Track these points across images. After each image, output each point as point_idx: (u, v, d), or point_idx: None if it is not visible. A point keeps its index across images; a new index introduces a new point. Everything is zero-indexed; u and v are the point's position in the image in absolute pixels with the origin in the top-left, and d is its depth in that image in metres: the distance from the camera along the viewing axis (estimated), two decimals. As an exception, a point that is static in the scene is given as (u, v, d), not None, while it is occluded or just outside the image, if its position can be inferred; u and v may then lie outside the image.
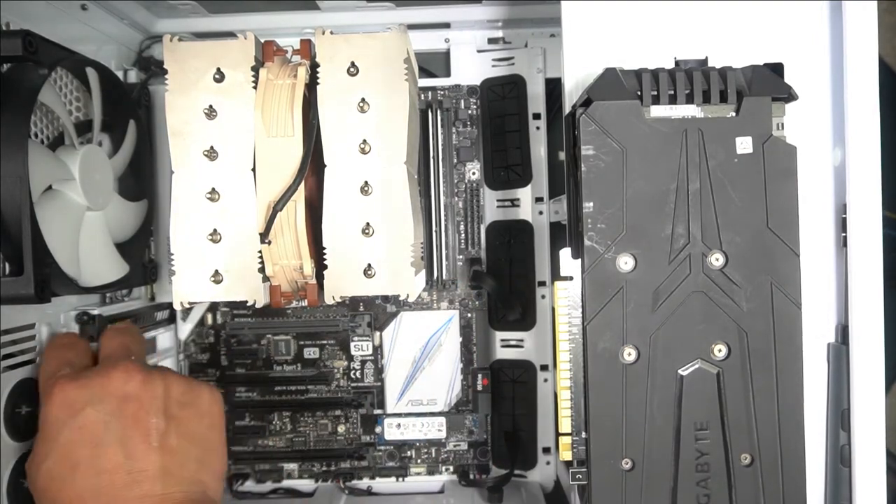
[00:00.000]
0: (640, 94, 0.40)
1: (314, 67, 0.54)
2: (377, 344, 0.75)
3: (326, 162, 0.53)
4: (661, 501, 0.40)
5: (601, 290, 0.40)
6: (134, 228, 0.64)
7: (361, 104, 0.53)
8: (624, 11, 0.46)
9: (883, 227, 0.42)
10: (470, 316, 0.75)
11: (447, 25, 0.74)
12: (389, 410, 0.74)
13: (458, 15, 0.72)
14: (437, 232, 0.72)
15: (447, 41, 0.75)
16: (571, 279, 0.42)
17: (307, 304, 0.55)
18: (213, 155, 0.52)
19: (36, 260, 0.47)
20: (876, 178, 0.42)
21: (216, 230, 0.52)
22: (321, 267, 0.53)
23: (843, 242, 0.44)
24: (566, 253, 0.43)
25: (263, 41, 0.55)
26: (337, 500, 0.73)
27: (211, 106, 0.52)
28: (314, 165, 0.53)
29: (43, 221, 0.48)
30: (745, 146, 0.40)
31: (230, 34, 0.67)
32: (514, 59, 0.73)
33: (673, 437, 0.40)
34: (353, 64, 0.53)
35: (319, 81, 0.53)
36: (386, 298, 0.75)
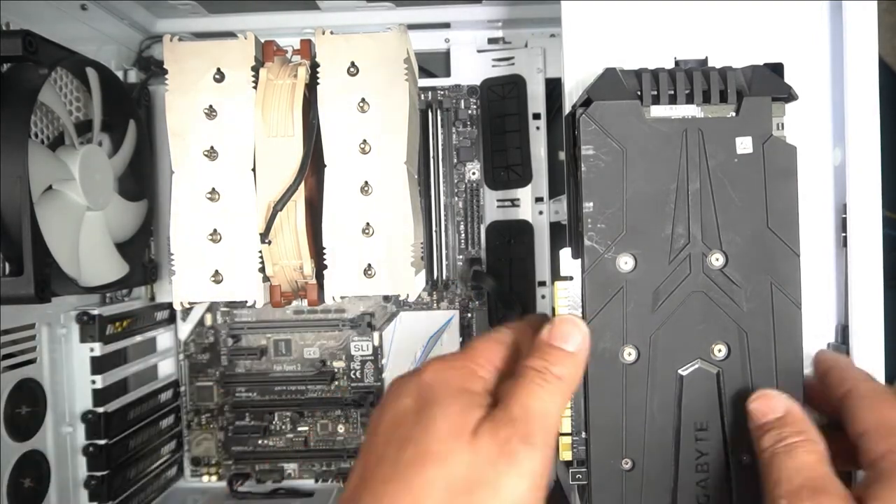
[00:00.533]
0: (640, 93, 0.40)
1: (314, 67, 0.54)
2: (377, 344, 0.75)
3: (326, 162, 0.53)
4: (660, 501, 0.40)
5: (601, 290, 0.40)
6: (134, 228, 0.64)
7: (361, 104, 0.53)
8: (624, 11, 0.46)
9: (883, 227, 0.42)
10: (470, 316, 0.75)
11: (447, 25, 0.74)
12: (389, 410, 0.74)
13: (458, 15, 0.72)
14: (437, 232, 0.73)
15: (447, 41, 0.75)
16: (571, 279, 0.42)
17: (307, 304, 0.55)
18: (213, 155, 0.52)
19: (36, 260, 0.47)
20: (876, 178, 0.42)
21: (216, 230, 0.52)
22: (321, 267, 0.53)
23: (843, 242, 0.44)
24: (566, 253, 0.43)
25: (263, 41, 0.55)
26: (337, 500, 0.73)
27: (211, 106, 0.52)
28: (314, 165, 0.53)
29: (43, 221, 0.48)
30: (745, 146, 0.40)
31: (230, 34, 0.67)
32: (514, 59, 0.73)
33: (673, 437, 0.40)
34: (353, 64, 0.53)
35: (319, 81, 0.53)
36: (386, 298, 0.75)
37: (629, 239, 0.40)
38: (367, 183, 0.53)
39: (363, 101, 0.53)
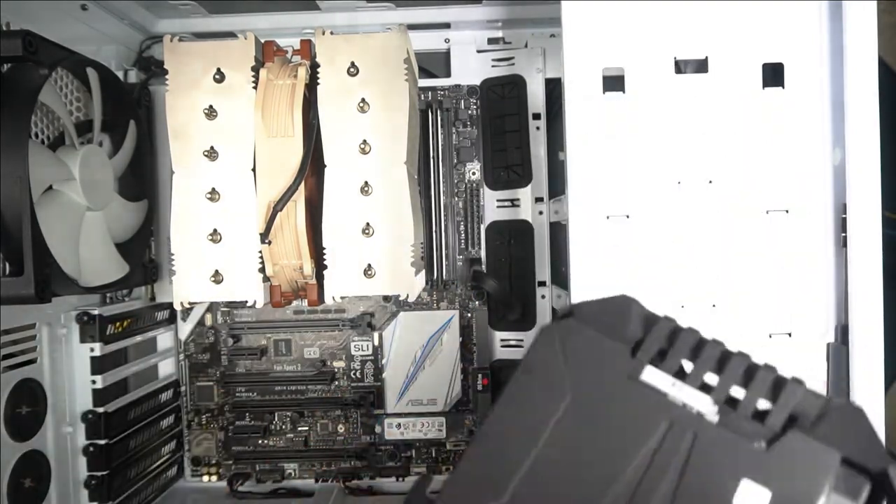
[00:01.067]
0: (640, 342, 0.28)
1: (314, 67, 0.54)
2: (377, 344, 0.75)
3: (326, 162, 0.53)
4: None
5: None
6: (134, 228, 0.64)
7: (361, 104, 0.53)
8: (624, 11, 0.46)
9: (883, 227, 0.42)
10: (470, 316, 0.75)
11: (447, 25, 0.74)
12: (389, 410, 0.74)
13: (458, 15, 0.72)
14: (437, 232, 0.73)
15: (447, 41, 0.75)
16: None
17: (307, 304, 0.55)
18: (213, 155, 0.52)
19: (36, 260, 0.47)
20: (876, 178, 0.42)
21: (216, 230, 0.52)
22: (321, 267, 0.53)
23: (843, 242, 0.44)
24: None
25: (263, 41, 0.55)
26: (337, 499, 0.73)
27: (211, 106, 0.52)
28: (314, 165, 0.53)
29: (43, 221, 0.48)
30: (749, 501, 0.25)
31: (230, 34, 0.67)
32: (514, 59, 0.73)
33: None
34: (353, 64, 0.53)
35: (319, 81, 0.53)
36: (386, 298, 0.75)
37: None
38: (367, 183, 0.53)
39: (363, 101, 0.53)
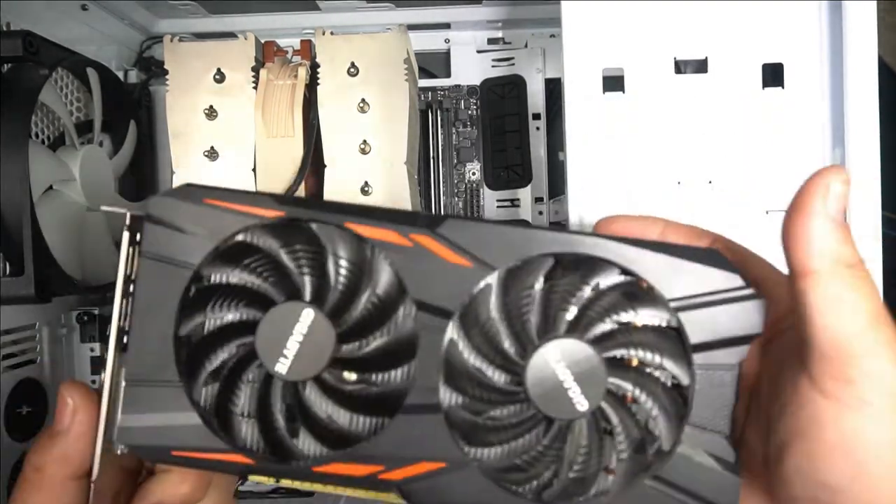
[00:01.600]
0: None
1: (314, 68, 0.54)
2: (377, 344, 0.75)
3: (326, 162, 0.53)
4: None
5: None
6: (134, 228, 0.64)
7: (361, 104, 0.53)
8: (624, 11, 0.46)
9: (883, 227, 0.42)
10: (470, 316, 0.75)
11: (447, 26, 0.74)
12: (389, 410, 0.74)
13: (458, 15, 0.72)
14: (437, 232, 0.72)
15: (447, 41, 0.75)
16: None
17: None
18: (213, 155, 0.52)
19: (36, 260, 0.47)
20: (876, 178, 0.42)
21: (216, 230, 0.52)
22: (321, 267, 0.53)
23: (843, 242, 0.44)
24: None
25: (264, 41, 0.55)
26: (337, 499, 0.73)
27: (211, 106, 0.52)
28: (314, 165, 0.53)
29: (43, 221, 0.48)
30: None
31: (230, 34, 0.67)
32: (514, 59, 0.73)
33: None
34: (353, 64, 0.53)
35: (320, 82, 0.53)
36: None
37: None
38: (367, 183, 0.53)
39: (363, 101, 0.53)
